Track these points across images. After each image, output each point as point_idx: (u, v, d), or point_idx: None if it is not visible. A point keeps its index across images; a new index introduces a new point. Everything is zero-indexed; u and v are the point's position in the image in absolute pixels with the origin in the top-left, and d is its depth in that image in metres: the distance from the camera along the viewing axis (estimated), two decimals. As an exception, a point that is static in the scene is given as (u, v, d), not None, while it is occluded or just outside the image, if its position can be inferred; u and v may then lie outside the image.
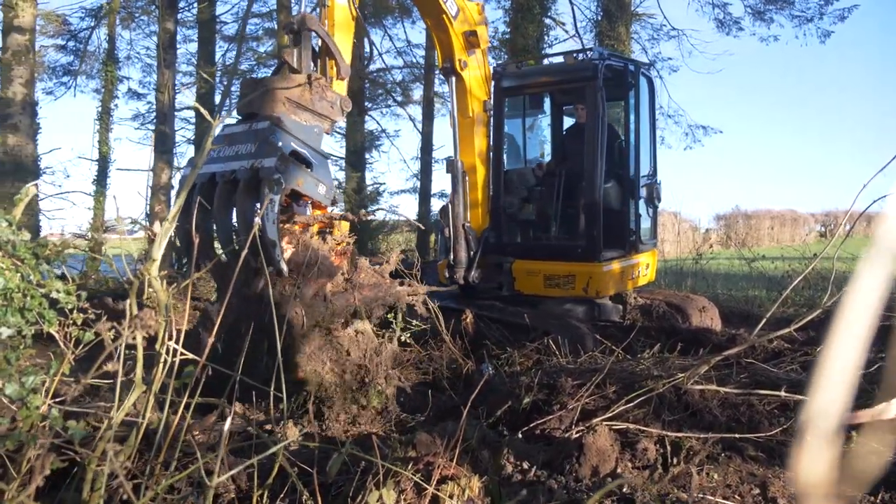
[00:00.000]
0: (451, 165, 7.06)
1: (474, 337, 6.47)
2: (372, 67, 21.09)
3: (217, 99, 18.69)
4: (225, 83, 16.64)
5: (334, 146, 22.54)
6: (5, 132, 10.89)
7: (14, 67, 10.79)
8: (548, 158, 8.45)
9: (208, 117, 2.01)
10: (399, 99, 21.81)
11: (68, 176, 19.46)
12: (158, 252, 1.71)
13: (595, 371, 4.13)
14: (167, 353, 1.84)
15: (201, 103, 15.95)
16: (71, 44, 20.81)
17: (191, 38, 22.01)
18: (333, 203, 4.49)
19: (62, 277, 2.12)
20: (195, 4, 19.11)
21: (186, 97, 21.22)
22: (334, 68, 4.87)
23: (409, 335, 6.49)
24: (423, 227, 17.70)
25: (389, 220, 20.78)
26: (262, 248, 3.58)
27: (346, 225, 4.81)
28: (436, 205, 19.42)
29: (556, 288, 6.83)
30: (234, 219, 4.35)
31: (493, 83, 7.30)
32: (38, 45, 17.41)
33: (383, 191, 21.13)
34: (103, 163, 20.05)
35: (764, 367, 4.37)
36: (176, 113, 18.42)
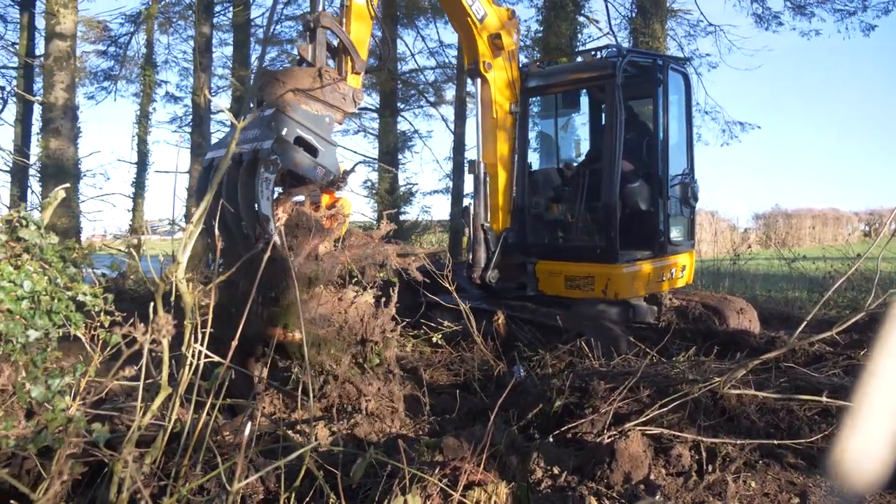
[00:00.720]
0: (473, 166, 7.07)
1: (506, 338, 6.42)
2: (405, 68, 21.15)
3: (253, 101, 18.87)
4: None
5: (367, 147, 22.66)
6: (47, 136, 11.14)
7: (56, 73, 11.04)
8: (582, 158, 8.34)
9: (234, 120, 2.01)
10: (432, 99, 21.80)
11: (108, 178, 19.93)
12: (184, 255, 1.71)
13: (628, 374, 4.05)
14: (193, 355, 1.84)
15: (237, 106, 16.16)
16: (111, 49, 21.33)
17: (226, 41, 22.35)
18: (336, 187, 4.82)
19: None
20: (230, 8, 19.37)
21: (222, 100, 21.57)
22: (348, 63, 5.21)
23: (440, 336, 6.49)
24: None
25: (422, 221, 20.79)
26: (257, 221, 4.19)
27: (348, 206, 5.07)
28: (469, 205, 19.27)
29: (577, 289, 6.75)
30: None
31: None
32: (80, 50, 17.85)
33: (416, 191, 21.14)
34: (142, 165, 20.51)
35: (804, 371, 4.23)
36: (212, 116, 18.71)
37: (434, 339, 6.49)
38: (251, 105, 5.01)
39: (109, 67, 21.68)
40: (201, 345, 1.83)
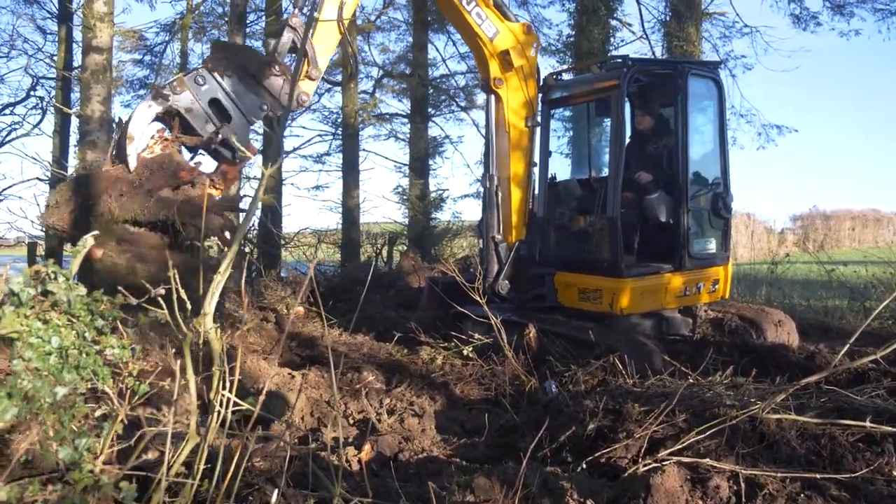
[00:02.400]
0: (487, 179, 7.04)
1: (538, 352, 6.35)
2: (435, 73, 21.15)
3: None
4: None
5: (398, 153, 22.67)
6: (84, 148, 11.31)
7: (92, 86, 11.21)
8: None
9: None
10: (462, 104, 21.72)
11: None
12: (211, 305, 1.70)
13: (663, 396, 3.96)
14: (221, 403, 1.83)
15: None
16: (147, 58, 21.67)
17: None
18: (234, 158, 5.26)
19: (115, 330, 2.16)
20: (263, 18, 19.56)
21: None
22: (306, 66, 5.65)
23: (471, 349, 6.45)
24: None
25: (453, 226, 20.71)
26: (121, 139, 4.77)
27: (233, 174, 5.40)
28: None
29: (587, 302, 6.65)
30: None
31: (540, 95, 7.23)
32: (116, 59, 18.16)
33: (447, 196, 21.05)
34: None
35: (846, 393, 4.08)
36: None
37: (465, 352, 6.46)
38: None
39: (145, 76, 22.04)
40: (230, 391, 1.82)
